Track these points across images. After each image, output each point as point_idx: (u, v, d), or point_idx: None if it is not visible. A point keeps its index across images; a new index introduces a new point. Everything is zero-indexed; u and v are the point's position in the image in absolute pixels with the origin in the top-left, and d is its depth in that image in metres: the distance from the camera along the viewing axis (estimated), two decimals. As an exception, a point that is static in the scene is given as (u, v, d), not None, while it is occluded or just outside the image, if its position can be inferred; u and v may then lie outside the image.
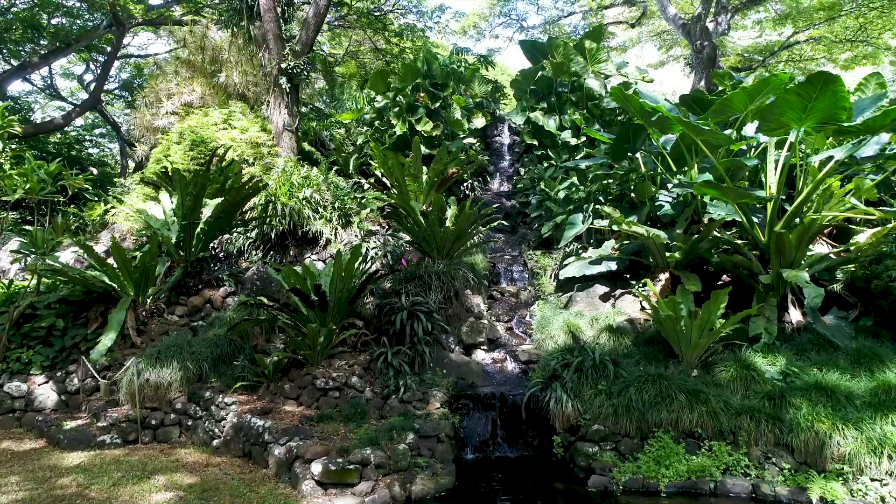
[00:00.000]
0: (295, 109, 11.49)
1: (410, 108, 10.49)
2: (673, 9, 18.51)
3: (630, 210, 7.76)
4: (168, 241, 7.50)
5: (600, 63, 10.52)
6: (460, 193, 11.17)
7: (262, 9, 11.06)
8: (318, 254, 8.85)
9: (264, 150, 10.83)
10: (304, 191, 8.94)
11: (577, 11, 21.84)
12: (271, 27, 11.08)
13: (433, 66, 11.01)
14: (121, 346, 6.93)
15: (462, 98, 10.75)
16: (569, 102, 10.70)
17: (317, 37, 11.55)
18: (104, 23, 18.19)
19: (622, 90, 6.92)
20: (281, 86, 11.15)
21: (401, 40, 19.90)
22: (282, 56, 11.14)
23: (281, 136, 11.30)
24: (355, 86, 14.74)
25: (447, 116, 10.46)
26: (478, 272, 8.03)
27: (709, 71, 17.66)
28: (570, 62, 10.39)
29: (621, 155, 7.84)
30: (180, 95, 12.86)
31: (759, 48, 23.28)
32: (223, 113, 10.99)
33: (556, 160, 10.36)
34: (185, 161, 10.26)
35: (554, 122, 10.49)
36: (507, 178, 12.50)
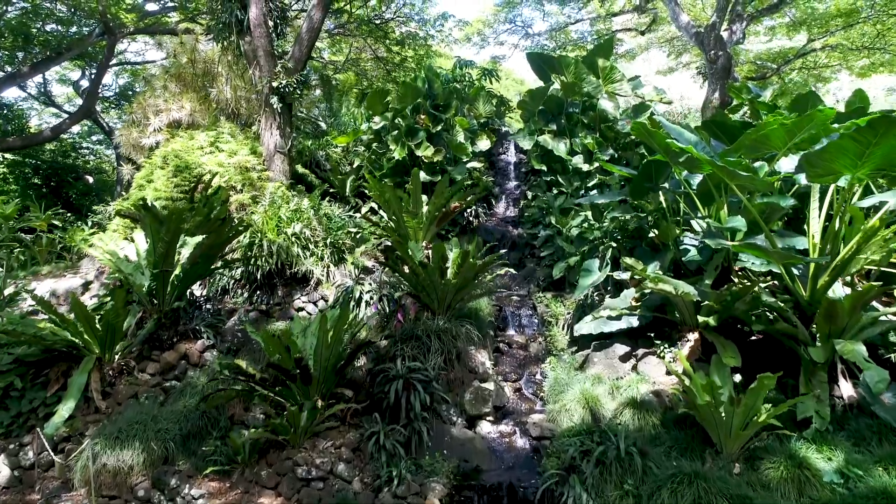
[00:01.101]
0: (287, 130, 10.66)
1: (410, 132, 9.66)
2: (685, 17, 17.61)
3: (651, 254, 6.92)
4: (140, 288, 6.70)
5: (614, 83, 9.67)
6: (463, 221, 10.34)
7: (252, 23, 10.23)
8: (309, 295, 8.05)
9: (254, 176, 10.02)
10: (294, 226, 8.12)
11: (585, 18, 20.94)
12: (262, 43, 10.26)
13: (434, 85, 10.17)
14: (84, 410, 6.14)
15: (465, 120, 9.91)
16: (580, 124, 9.85)
17: (311, 53, 10.72)
18: (97, 31, 17.43)
19: (646, 126, 6.08)
20: (272, 106, 10.33)
21: (402, 49, 19.08)
22: (273, 74, 10.31)
23: (272, 159, 10.48)
24: (354, 100, 13.90)
25: (449, 140, 9.63)
26: (482, 319, 7.21)
27: (723, 82, 16.78)
28: (582, 82, 9.54)
29: (642, 192, 7.01)
30: (168, 112, 12.05)
31: (771, 55, 22.35)
32: (210, 135, 10.18)
33: (566, 187, 9.52)
34: (168, 188, 9.46)
35: (564, 146, 9.64)
36: (514, 202, 11.66)
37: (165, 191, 9.40)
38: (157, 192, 9.44)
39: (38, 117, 26.15)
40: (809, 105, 9.10)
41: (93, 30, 17.60)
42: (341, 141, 10.26)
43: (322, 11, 10.32)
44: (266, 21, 10.21)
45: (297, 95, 10.46)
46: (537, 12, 21.56)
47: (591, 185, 9.53)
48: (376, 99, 10.09)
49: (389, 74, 20.15)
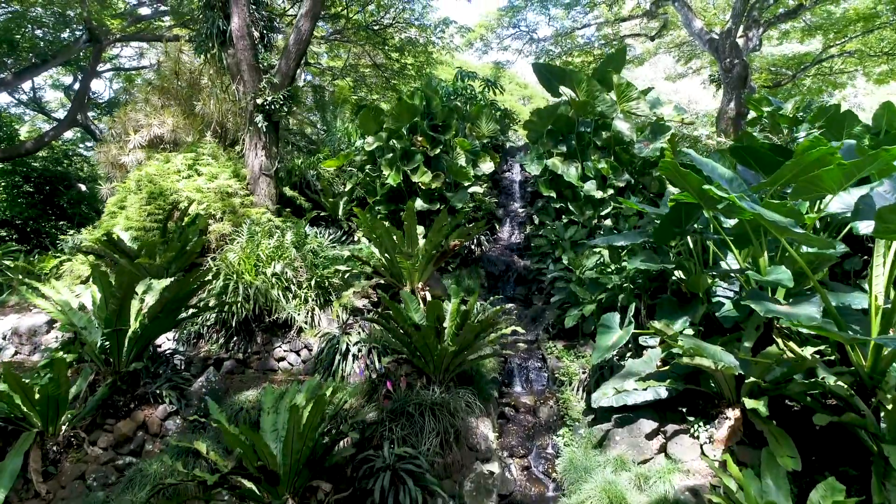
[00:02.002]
0: (274, 151, 9.73)
1: (405, 155, 8.71)
2: (699, 22, 16.60)
3: (678, 306, 5.97)
4: (92, 347, 5.79)
5: (630, 101, 8.70)
6: (464, 250, 9.39)
7: (235, 35, 9.29)
8: (291, 342, 7.12)
9: (236, 202, 9.08)
10: (274, 265, 7.19)
11: (592, 23, 19.93)
12: (245, 56, 9.32)
13: (433, 102, 9.21)
14: (22, 493, 5.24)
15: (466, 141, 8.95)
16: (592, 146, 8.88)
17: (299, 67, 9.78)
18: (84, 37, 16.53)
19: (676, 166, 5.12)
20: (256, 124, 9.40)
21: (402, 56, 18.13)
22: (257, 90, 9.38)
23: (257, 182, 9.55)
24: (348, 113, 12.96)
25: (449, 164, 8.68)
26: (484, 376, 6.28)
27: (739, 91, 15.79)
28: (596, 100, 8.57)
29: (668, 236, 6.05)
30: (149, 128, 11.13)
31: (785, 60, 21.30)
32: (188, 158, 9.24)
33: (577, 216, 8.56)
34: (141, 217, 8.54)
35: (575, 171, 8.68)
36: (519, 225, 10.70)
37: (137, 220, 8.48)
38: (128, 220, 8.53)
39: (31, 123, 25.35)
40: (846, 125, 8.14)
41: (80, 36, 16.72)
42: (331, 164, 9.32)
43: (311, 21, 9.37)
44: (250, 32, 9.27)
45: (283, 113, 9.53)
46: (542, 16, 20.54)
47: (606, 214, 8.58)
48: (370, 117, 9.14)
49: (388, 82, 19.21)
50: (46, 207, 18.70)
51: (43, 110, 22.30)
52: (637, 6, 20.59)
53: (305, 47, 9.59)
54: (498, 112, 12.59)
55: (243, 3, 9.16)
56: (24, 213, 17.55)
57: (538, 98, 34.60)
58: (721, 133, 15.80)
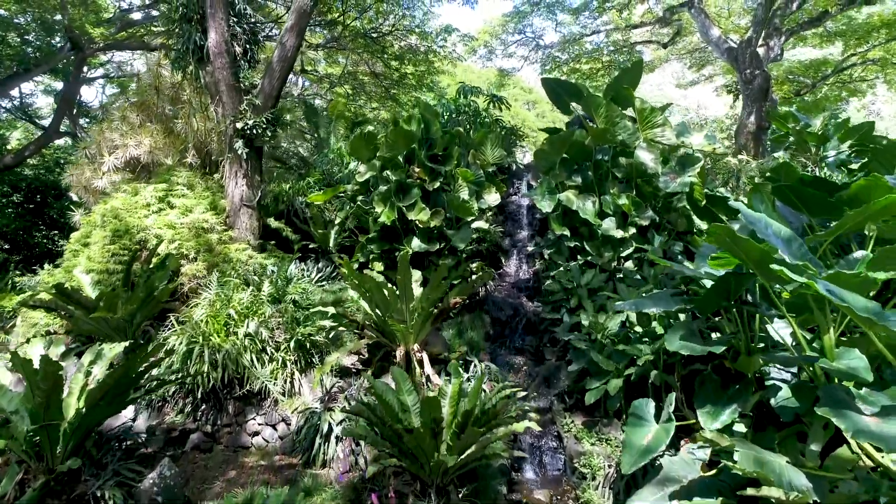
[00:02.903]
0: (256, 179, 8.71)
1: (401, 189, 7.67)
2: (716, 30, 15.51)
3: (723, 389, 4.93)
4: (20, 438, 4.78)
5: (655, 128, 7.64)
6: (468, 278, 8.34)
7: (212, 52, 8.27)
8: (267, 415, 6.10)
9: (213, 238, 8.07)
10: (248, 324, 6.17)
11: (601, 30, 18.84)
12: (224, 75, 8.30)
13: (432, 128, 8.16)
14: None
15: (470, 172, 7.91)
16: (611, 178, 7.84)
17: (284, 86, 8.76)
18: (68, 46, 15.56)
19: (730, 232, 4.07)
20: (236, 151, 8.38)
21: (401, 65, 17.09)
22: (237, 112, 8.36)
23: (237, 214, 8.54)
24: (343, 130, 11.92)
25: (450, 199, 7.64)
26: (491, 466, 5.25)
27: (760, 104, 14.69)
28: (616, 127, 7.52)
29: (713, 307, 5.01)
30: (125, 149, 10.10)
31: (804, 68, 20.17)
32: (159, 189, 8.23)
33: (594, 257, 7.52)
34: (104, 258, 7.53)
35: (592, 206, 7.64)
36: (528, 258, 9.65)
37: (100, 261, 7.48)
38: (90, 261, 7.53)
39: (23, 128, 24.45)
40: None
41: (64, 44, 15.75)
42: (317, 199, 8.30)
43: (296, 37, 8.34)
44: (229, 48, 8.25)
45: (267, 138, 8.50)
46: (549, 22, 19.47)
47: (627, 255, 7.53)
48: (362, 143, 8.11)
49: (388, 91, 18.18)
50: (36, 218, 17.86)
51: (30, 118, 21.33)
52: (648, 11, 19.51)
53: (291, 64, 8.56)
54: (503, 130, 11.54)
55: (221, 16, 8.14)
56: (13, 224, 16.67)
57: (543, 103, 33.53)
58: (741, 149, 14.74)
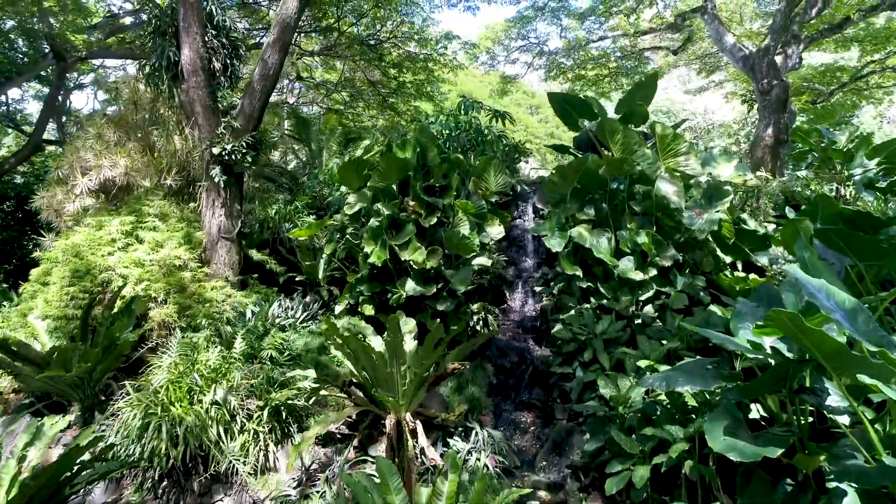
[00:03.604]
0: (236, 208, 7.89)
1: (394, 225, 6.83)
2: (731, 37, 14.61)
3: (773, 488, 4.09)
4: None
5: (678, 156, 6.78)
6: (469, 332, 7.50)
7: (186, 69, 7.44)
8: (237, 495, 5.27)
9: (186, 276, 7.24)
10: (215, 390, 5.34)
11: (609, 36, 17.96)
12: (199, 96, 7.46)
13: (429, 154, 7.32)
14: None
15: (471, 204, 7.06)
16: (627, 211, 6.99)
17: (266, 106, 7.92)
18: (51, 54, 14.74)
19: (795, 318, 3.23)
20: (213, 178, 7.55)
21: (400, 73, 16.24)
22: (214, 136, 7.53)
23: (215, 248, 7.70)
24: (336, 146, 11.09)
25: (448, 235, 6.79)
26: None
27: (778, 116, 13.79)
28: (634, 155, 6.67)
29: (762, 392, 4.17)
30: (99, 170, 9.26)
31: (820, 74, 19.27)
32: (125, 223, 7.40)
33: (610, 301, 6.68)
34: (62, 302, 6.71)
35: (607, 243, 6.80)
36: (534, 292, 8.81)
37: (57, 305, 6.66)
38: (47, 305, 6.71)
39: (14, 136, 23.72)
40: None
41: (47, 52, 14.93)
42: (301, 234, 7.46)
43: (279, 52, 7.49)
44: (205, 66, 7.41)
45: (247, 164, 7.66)
46: (554, 26, 18.58)
47: (647, 299, 6.69)
48: (352, 171, 7.26)
49: (386, 100, 17.34)
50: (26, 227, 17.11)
51: (17, 126, 20.54)
52: (656, 16, 18.63)
53: (274, 83, 7.72)
54: (507, 147, 10.70)
55: (195, 30, 7.30)
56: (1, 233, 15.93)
57: (546, 107, 32.63)
58: (758, 163, 13.86)
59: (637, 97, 10.07)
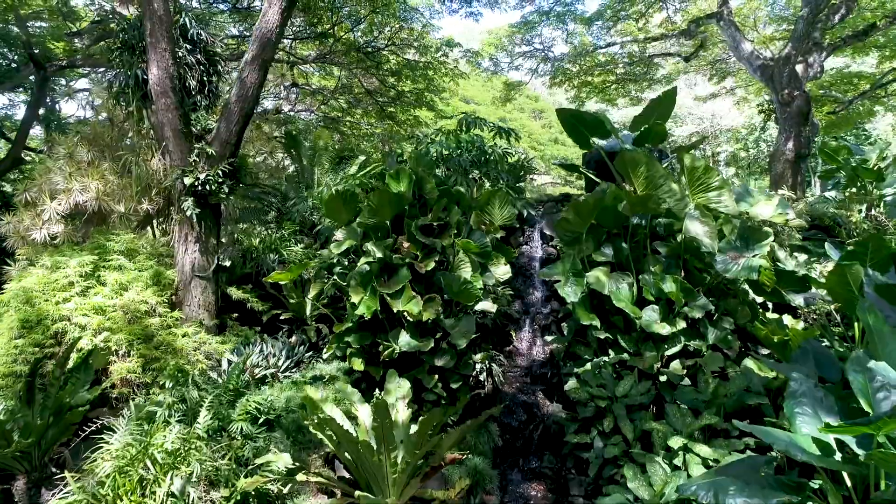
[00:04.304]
0: (212, 243, 7.04)
1: (386, 269, 5.98)
2: (748, 45, 13.72)
3: None
4: None
5: (710, 191, 5.91)
6: (471, 384, 6.65)
7: (154, 91, 6.59)
8: None
9: (153, 323, 6.40)
10: (172, 479, 4.49)
11: (617, 42, 17.07)
12: (168, 119, 6.61)
13: (426, 186, 6.46)
14: None
15: (473, 243, 6.20)
16: (650, 256, 6.13)
17: (245, 130, 7.07)
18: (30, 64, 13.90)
19: None
20: (185, 211, 6.70)
21: (399, 81, 15.38)
22: (187, 164, 6.68)
23: (188, 288, 6.86)
24: (328, 164, 10.26)
25: (448, 282, 5.93)
26: None
27: (800, 129, 12.92)
28: (659, 190, 5.81)
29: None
30: (69, 194, 8.43)
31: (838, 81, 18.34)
32: (85, 263, 6.55)
33: (631, 357, 5.83)
34: (10, 355, 5.88)
35: (628, 289, 5.94)
36: (543, 329, 7.97)
37: (4, 361, 5.82)
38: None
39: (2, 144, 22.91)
40: None
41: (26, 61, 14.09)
42: (281, 278, 6.62)
43: (259, 71, 6.64)
44: (177, 86, 6.56)
45: (224, 194, 6.81)
46: (559, 31, 17.69)
47: (674, 354, 5.83)
48: (339, 204, 6.41)
49: (384, 110, 16.49)
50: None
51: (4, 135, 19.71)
52: (666, 20, 17.74)
53: (253, 105, 6.86)
54: (510, 167, 9.86)
55: (164, 46, 6.44)
56: None
57: (550, 112, 31.73)
58: (777, 179, 12.98)
59: (655, 115, 9.22)
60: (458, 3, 13.28)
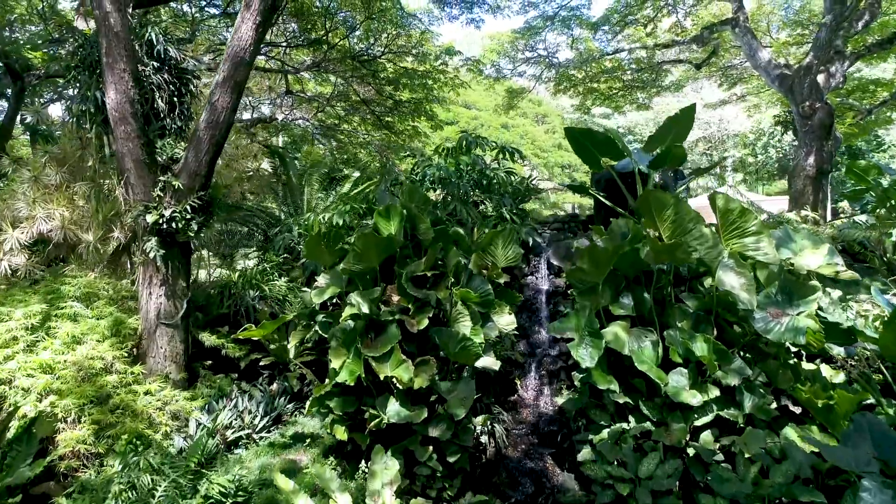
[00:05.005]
0: (181, 285, 6.23)
1: (372, 327, 5.16)
2: (766, 53, 12.86)
3: None
4: None
5: (745, 237, 5.07)
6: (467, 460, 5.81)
7: (112, 117, 5.77)
8: None
9: (110, 381, 5.60)
10: None
11: (625, 49, 16.21)
12: (129, 149, 5.80)
13: (420, 226, 5.63)
14: None
15: (473, 293, 5.38)
16: (676, 308, 5.30)
17: (217, 159, 6.24)
18: (7, 76, 13.09)
19: None
20: (147, 252, 5.89)
21: (396, 90, 14.55)
22: (151, 199, 5.87)
23: (153, 337, 6.06)
24: (317, 186, 9.44)
25: (444, 340, 5.11)
26: None
27: (821, 143, 12.08)
28: (688, 235, 4.98)
29: None
30: (32, 222, 7.61)
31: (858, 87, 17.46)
32: (32, 314, 5.75)
33: (656, 431, 5.00)
34: (-58, 426, 5.06)
35: (651, 348, 5.12)
36: (550, 377, 7.16)
37: (-66, 432, 5.00)
38: (-77, 429, 5.04)
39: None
40: None
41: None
42: (254, 334, 5.81)
43: (231, 94, 5.83)
44: (138, 112, 5.75)
45: (192, 232, 5.99)
46: (564, 35, 16.83)
47: (703, 425, 5.01)
48: (319, 246, 5.59)
49: (381, 120, 15.66)
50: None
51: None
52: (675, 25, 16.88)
53: (226, 131, 6.04)
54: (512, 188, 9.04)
55: (123, 66, 5.63)
56: None
57: (553, 116, 30.86)
58: (797, 196, 12.14)
59: (672, 134, 8.38)
60: (459, 10, 12.45)
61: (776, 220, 8.99)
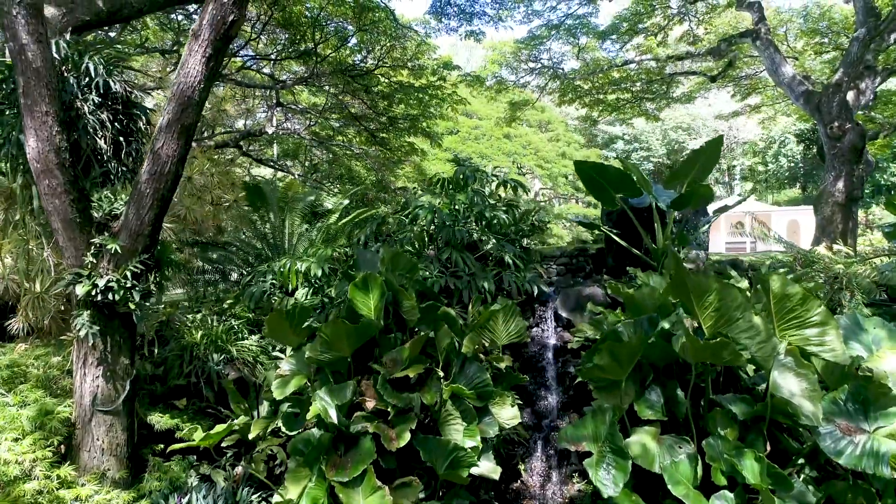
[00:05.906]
0: (123, 363, 5.22)
1: (341, 439, 4.13)
2: (790, 68, 11.76)
3: None
4: None
5: (805, 328, 4.01)
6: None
7: (34, 169, 4.74)
8: None
9: (29, 489, 4.59)
10: None
11: (634, 60, 15.13)
12: (55, 206, 4.78)
13: (403, 303, 4.58)
14: None
15: (465, 389, 4.34)
16: (718, 411, 4.26)
17: (163, 217, 5.21)
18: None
19: None
20: (76, 330, 4.87)
21: (390, 105, 13.51)
22: (83, 265, 4.85)
23: (88, 427, 5.05)
24: (299, 219, 8.42)
25: (430, 454, 4.08)
26: None
27: (852, 167, 10.98)
28: (732, 327, 3.93)
29: None
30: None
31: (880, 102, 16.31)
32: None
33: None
34: None
35: (686, 465, 4.08)
36: (561, 458, 6.12)
37: None
38: None
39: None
40: None
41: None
42: (202, 443, 4.81)
43: (178, 139, 4.80)
44: (66, 163, 4.72)
45: (134, 303, 4.96)
46: (570, 45, 15.75)
47: (752, 563, 3.96)
48: (283, 325, 4.58)
49: (374, 136, 14.62)
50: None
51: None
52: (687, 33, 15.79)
53: (174, 183, 5.01)
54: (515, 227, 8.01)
55: (44, 110, 4.60)
56: None
57: (556, 123, 29.75)
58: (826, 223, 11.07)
59: (696, 168, 7.36)
60: (458, 21, 11.39)
61: (807, 259, 7.94)
